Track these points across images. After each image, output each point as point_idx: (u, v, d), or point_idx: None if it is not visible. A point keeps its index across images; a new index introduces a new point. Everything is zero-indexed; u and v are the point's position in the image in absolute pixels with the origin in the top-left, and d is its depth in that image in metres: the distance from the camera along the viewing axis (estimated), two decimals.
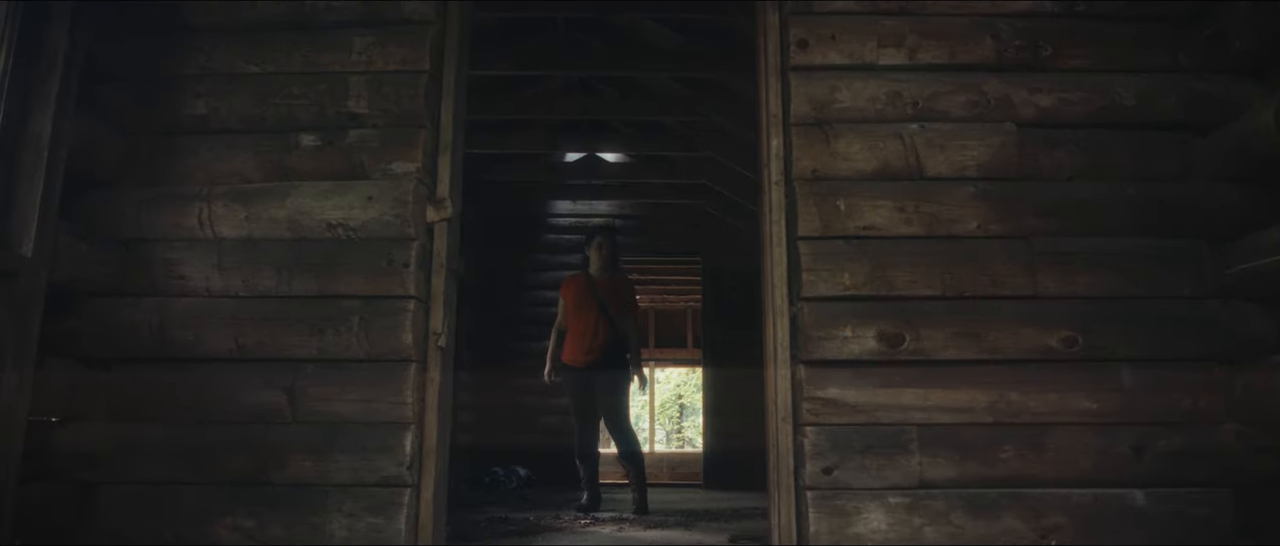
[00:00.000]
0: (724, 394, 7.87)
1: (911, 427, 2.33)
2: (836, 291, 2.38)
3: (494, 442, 7.47)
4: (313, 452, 2.37)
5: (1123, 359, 2.37)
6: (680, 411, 17.04)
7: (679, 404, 17.01)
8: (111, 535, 2.37)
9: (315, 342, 2.43)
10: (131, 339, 2.47)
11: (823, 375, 2.35)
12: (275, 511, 2.35)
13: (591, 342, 5.06)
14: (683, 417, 16.96)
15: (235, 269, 2.49)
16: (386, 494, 2.34)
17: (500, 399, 7.72)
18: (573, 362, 5.10)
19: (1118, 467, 2.32)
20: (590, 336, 5.05)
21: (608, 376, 5.08)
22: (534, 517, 4.88)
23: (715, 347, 8.06)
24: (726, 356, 7.84)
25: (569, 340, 5.15)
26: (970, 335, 2.36)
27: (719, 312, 8.06)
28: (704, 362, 8.39)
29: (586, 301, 5.10)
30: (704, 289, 8.66)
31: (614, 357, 5.09)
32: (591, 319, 5.07)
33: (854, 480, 2.30)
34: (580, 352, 5.08)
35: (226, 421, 2.41)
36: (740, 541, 3.95)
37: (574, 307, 5.14)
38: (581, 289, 5.15)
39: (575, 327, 5.11)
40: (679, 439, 16.57)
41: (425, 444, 2.40)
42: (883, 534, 2.27)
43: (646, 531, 4.33)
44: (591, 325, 5.06)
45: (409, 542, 2.33)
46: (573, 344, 5.12)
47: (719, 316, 8.05)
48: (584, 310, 5.09)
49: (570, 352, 5.12)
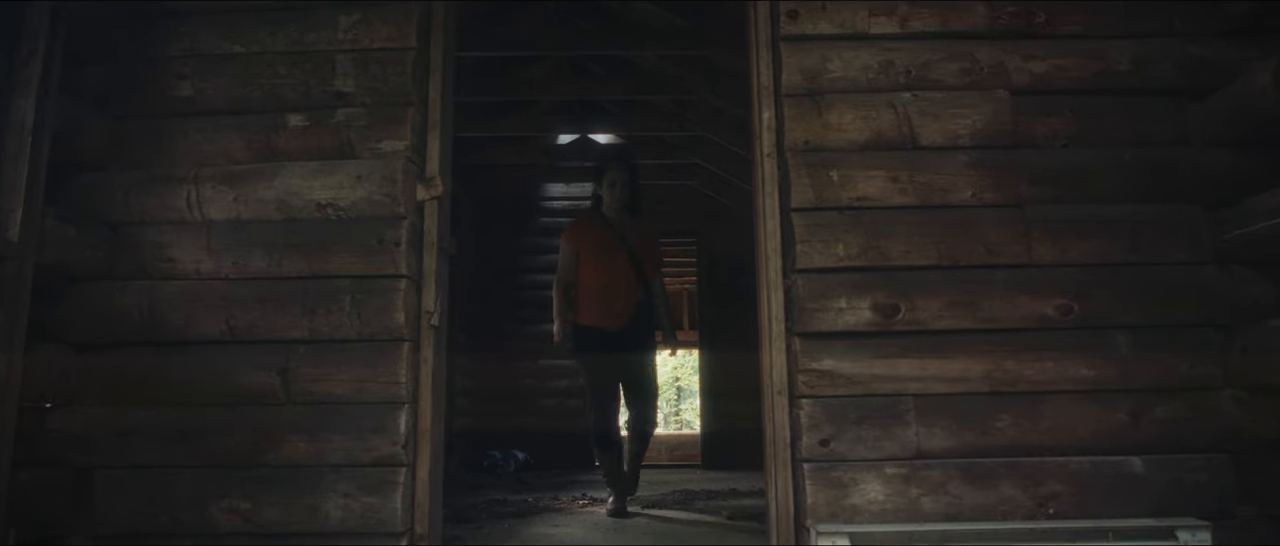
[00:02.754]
0: (721, 376, 7.86)
1: (908, 398, 2.32)
2: (831, 263, 2.36)
3: (491, 426, 7.47)
4: (307, 433, 2.36)
5: (1119, 326, 2.36)
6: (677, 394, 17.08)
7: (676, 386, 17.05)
8: (107, 519, 2.36)
9: (307, 323, 2.41)
10: (122, 323, 2.45)
11: (818, 347, 2.34)
12: (270, 493, 2.34)
13: (623, 301, 4.02)
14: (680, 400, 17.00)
15: (225, 251, 2.47)
16: (382, 473, 2.33)
17: (497, 382, 7.71)
18: (599, 325, 4.02)
19: (1115, 434, 2.31)
20: (622, 293, 4.02)
21: (642, 344, 4.11)
22: (532, 499, 4.89)
23: (711, 329, 8.05)
24: (723, 338, 7.83)
25: (589, 298, 4.05)
26: (966, 304, 2.35)
27: (714, 294, 8.04)
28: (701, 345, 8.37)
29: (611, 248, 4.05)
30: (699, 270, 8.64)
31: (645, 321, 4.14)
32: (619, 271, 4.02)
33: (850, 451, 2.29)
34: (608, 313, 4.01)
35: (219, 404, 2.40)
36: (738, 519, 3.96)
37: (595, 257, 4.05)
38: (602, 234, 4.09)
39: (598, 281, 4.03)
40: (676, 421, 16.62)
41: (420, 423, 2.39)
42: (880, 504, 2.27)
43: (645, 510, 4.33)
44: (621, 279, 4.02)
45: (406, 522, 2.32)
46: (596, 303, 4.03)
47: (715, 297, 8.04)
48: (608, 259, 4.03)
49: (593, 313, 4.04)
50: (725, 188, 7.51)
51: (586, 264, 4.07)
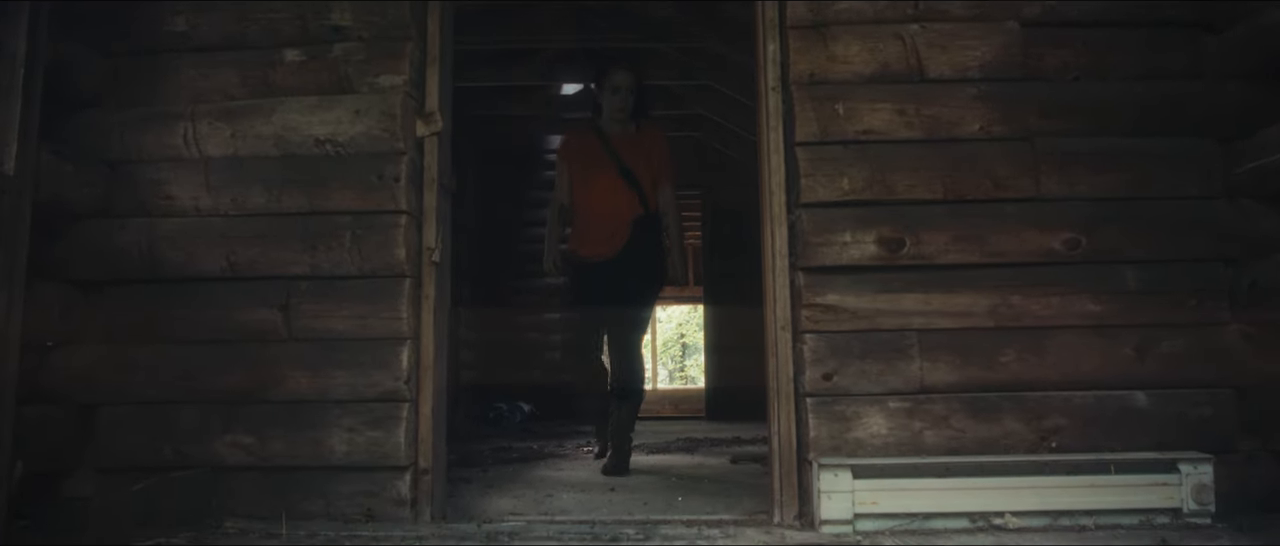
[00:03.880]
0: (725, 330, 7.87)
1: (912, 332, 2.31)
2: (835, 197, 2.33)
3: (497, 379, 7.51)
4: (310, 369, 2.36)
5: (1127, 260, 2.33)
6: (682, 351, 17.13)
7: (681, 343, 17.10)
8: (112, 453, 2.37)
9: (308, 259, 2.40)
10: (122, 260, 2.44)
11: (822, 282, 2.32)
12: (274, 427, 2.35)
13: (615, 225, 3.54)
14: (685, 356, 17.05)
15: (223, 187, 2.45)
16: (385, 408, 2.33)
17: (502, 336, 7.73)
18: (590, 255, 3.58)
19: (1120, 369, 2.30)
20: (613, 217, 3.54)
21: (640, 276, 3.59)
22: (537, 446, 4.92)
23: (716, 284, 8.04)
24: (727, 292, 7.82)
25: (581, 223, 3.63)
26: (972, 238, 2.32)
27: (719, 247, 8.02)
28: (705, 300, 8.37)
29: (600, 166, 3.56)
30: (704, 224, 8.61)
31: (649, 248, 3.58)
32: (612, 191, 3.55)
33: (854, 386, 2.28)
34: (600, 240, 3.56)
35: (222, 340, 2.39)
36: (742, 462, 3.98)
37: (583, 176, 3.59)
38: (591, 148, 3.61)
39: (589, 205, 3.58)
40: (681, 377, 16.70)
41: (423, 359, 2.38)
42: (883, 438, 2.26)
43: (649, 456, 4.36)
44: (613, 201, 3.54)
45: (409, 456, 2.33)
46: (588, 227, 3.59)
47: (719, 250, 8.01)
48: (599, 179, 3.56)
49: (585, 240, 3.61)
50: (731, 139, 7.44)
51: (578, 185, 3.63)
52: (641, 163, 3.57)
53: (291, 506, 2.28)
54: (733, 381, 7.65)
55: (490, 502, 2.78)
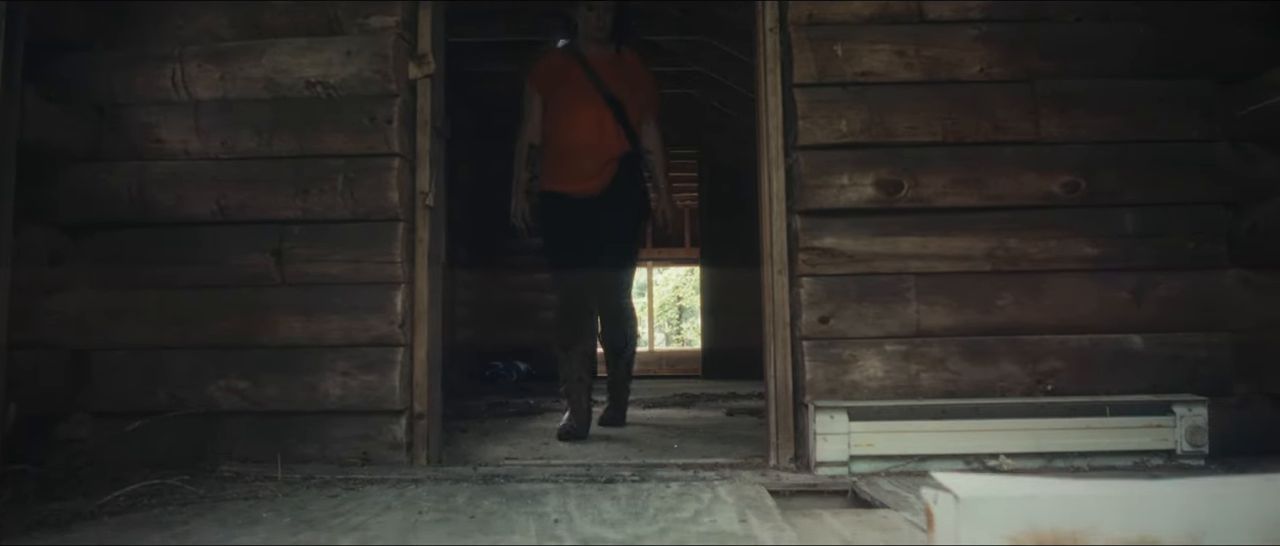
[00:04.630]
0: (722, 293, 7.87)
1: (909, 276, 2.30)
2: (833, 139, 2.31)
3: (493, 339, 7.51)
4: (303, 314, 2.35)
5: (1126, 204, 2.32)
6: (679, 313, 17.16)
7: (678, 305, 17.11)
8: (106, 398, 2.37)
9: (300, 203, 2.37)
10: (112, 204, 2.41)
11: (819, 225, 2.30)
12: (268, 371, 2.34)
13: (602, 161, 3.16)
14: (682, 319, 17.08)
15: (213, 130, 2.42)
16: (379, 353, 2.33)
17: (498, 297, 7.73)
18: (567, 189, 3.18)
19: (1116, 313, 2.29)
20: (599, 151, 3.16)
21: (627, 210, 3.24)
22: (533, 402, 4.94)
23: (713, 243, 8.03)
24: (725, 252, 7.80)
25: (559, 157, 3.20)
26: (970, 181, 2.31)
27: (716, 206, 7.99)
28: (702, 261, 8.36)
29: (584, 95, 3.16)
30: (701, 183, 8.57)
31: (632, 185, 3.26)
32: (597, 124, 3.16)
33: (850, 329, 2.28)
34: (579, 174, 3.16)
35: (214, 285, 2.38)
36: (738, 414, 4.00)
37: (563, 105, 3.18)
38: (572, 74, 3.20)
39: (570, 138, 3.17)
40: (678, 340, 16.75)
41: (417, 304, 2.37)
42: (879, 381, 2.26)
43: (645, 410, 4.38)
44: (600, 134, 3.16)
45: (404, 400, 2.32)
46: (569, 162, 3.17)
47: (716, 210, 7.99)
48: (583, 110, 3.16)
49: (560, 174, 3.20)
50: (729, 97, 7.37)
51: (553, 114, 3.21)
52: (628, 93, 3.21)
53: (287, 450, 2.28)
54: (729, 342, 7.67)
55: (486, 450, 2.78)
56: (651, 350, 12.77)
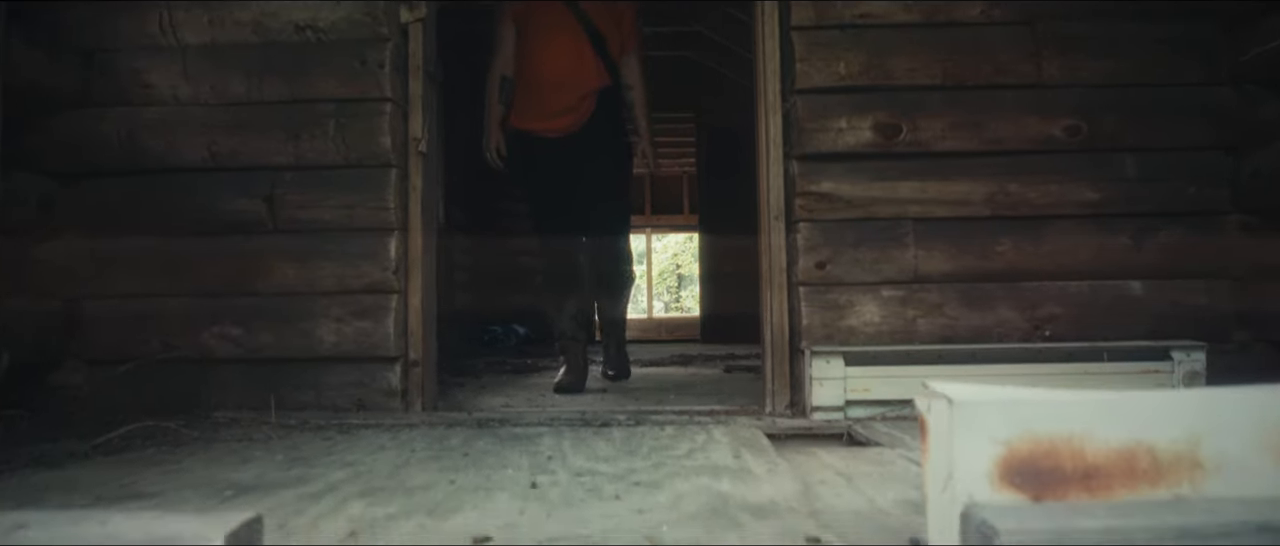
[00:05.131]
0: (720, 260, 7.83)
1: (907, 221, 2.28)
2: (831, 82, 2.27)
3: (492, 306, 7.50)
4: (296, 261, 2.33)
5: (1127, 148, 2.29)
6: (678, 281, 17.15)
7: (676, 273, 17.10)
8: (99, 347, 2.35)
9: (291, 148, 2.34)
10: (102, 151, 2.38)
11: (817, 169, 2.28)
12: (262, 318, 2.32)
13: (578, 95, 2.94)
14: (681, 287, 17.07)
15: (202, 75, 2.38)
16: (373, 300, 2.31)
17: (496, 261, 7.70)
18: (539, 130, 2.97)
19: (1116, 258, 2.28)
20: (576, 85, 2.94)
21: (604, 157, 2.99)
22: (531, 362, 4.94)
23: (711, 208, 7.98)
24: (723, 218, 7.76)
25: (529, 88, 2.98)
26: (970, 125, 2.28)
27: (714, 169, 7.93)
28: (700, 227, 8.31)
29: (562, 24, 2.95)
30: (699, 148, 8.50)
31: (610, 124, 3.03)
32: (576, 56, 2.96)
33: (847, 274, 2.26)
34: (553, 109, 2.94)
35: (206, 232, 2.35)
36: (735, 372, 3.99)
37: (538, 35, 2.97)
38: (548, 3, 2.99)
39: (546, 70, 2.95)
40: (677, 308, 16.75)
41: (411, 251, 2.35)
42: (876, 326, 2.25)
43: (643, 368, 4.37)
44: (577, 67, 2.96)
45: (399, 347, 2.31)
46: (542, 97, 2.95)
47: (714, 173, 7.93)
48: (559, 39, 2.95)
49: (533, 110, 2.98)
50: (725, 57, 7.30)
51: (527, 43, 2.97)
52: (610, 25, 3.01)
53: (282, 398, 2.27)
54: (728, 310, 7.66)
55: (483, 401, 2.78)
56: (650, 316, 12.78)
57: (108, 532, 0.79)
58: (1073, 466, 0.85)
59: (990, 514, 0.78)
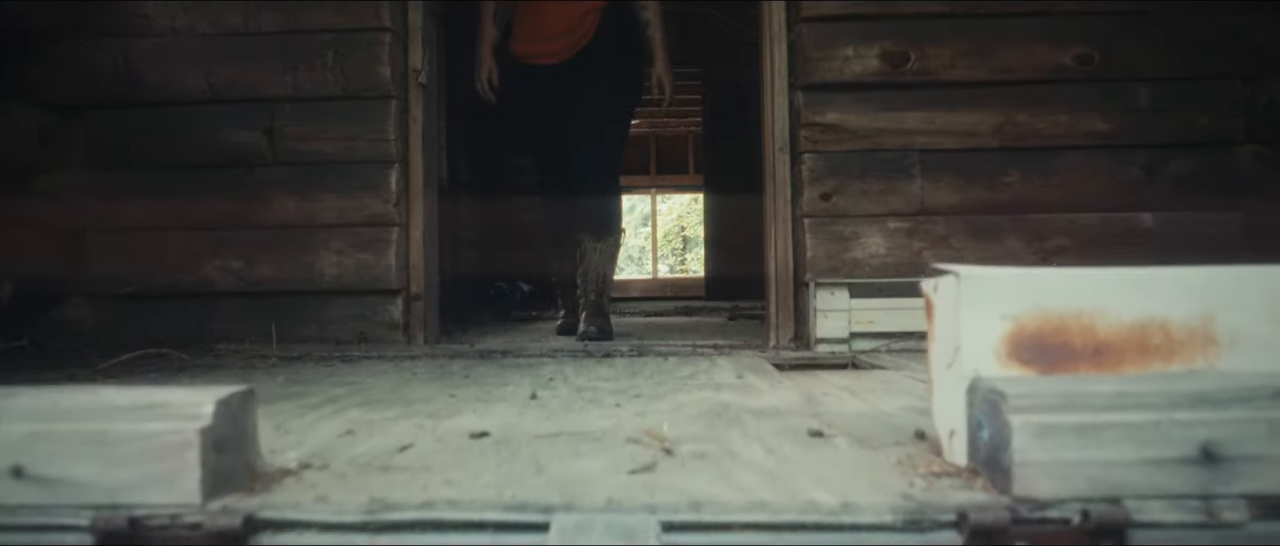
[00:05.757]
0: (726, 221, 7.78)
1: (914, 152, 2.24)
2: (837, 10, 2.23)
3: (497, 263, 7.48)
4: (296, 193, 2.31)
5: (1140, 77, 2.24)
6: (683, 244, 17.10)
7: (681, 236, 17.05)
8: (102, 281, 2.34)
9: (290, 80, 2.31)
10: (100, 83, 2.35)
11: (822, 100, 2.24)
12: (263, 251, 2.31)
13: (578, 14, 2.61)
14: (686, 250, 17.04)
15: (199, 5, 2.34)
16: (374, 232, 2.29)
17: (501, 220, 7.67)
18: (536, 54, 2.66)
19: (1127, 190, 2.24)
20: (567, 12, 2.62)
21: (605, 74, 2.64)
22: (536, 314, 4.93)
23: (717, 167, 7.91)
24: (728, 177, 7.70)
25: (530, 14, 2.65)
26: (979, 53, 2.23)
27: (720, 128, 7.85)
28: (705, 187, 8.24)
29: None
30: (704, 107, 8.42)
31: (623, 46, 2.69)
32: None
33: (853, 206, 2.23)
34: (555, 34, 2.63)
35: (206, 165, 2.33)
36: (740, 318, 3.98)
37: None
38: None
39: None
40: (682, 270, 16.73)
41: (412, 183, 2.33)
42: (881, 258, 2.23)
43: (646, 318, 4.36)
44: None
45: (401, 280, 2.30)
46: (540, 19, 2.63)
47: (720, 132, 7.86)
48: None
49: (530, 32, 2.66)
50: (731, 10, 7.19)
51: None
52: None
53: (284, 330, 2.26)
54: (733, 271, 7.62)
55: (486, 341, 2.76)
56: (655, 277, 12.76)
57: (98, 400, 0.77)
58: (1082, 343, 0.83)
59: (998, 382, 0.76)
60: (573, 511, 0.71)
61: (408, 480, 0.83)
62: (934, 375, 0.91)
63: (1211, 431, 0.71)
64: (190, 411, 0.75)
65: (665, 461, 0.90)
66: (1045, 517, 0.70)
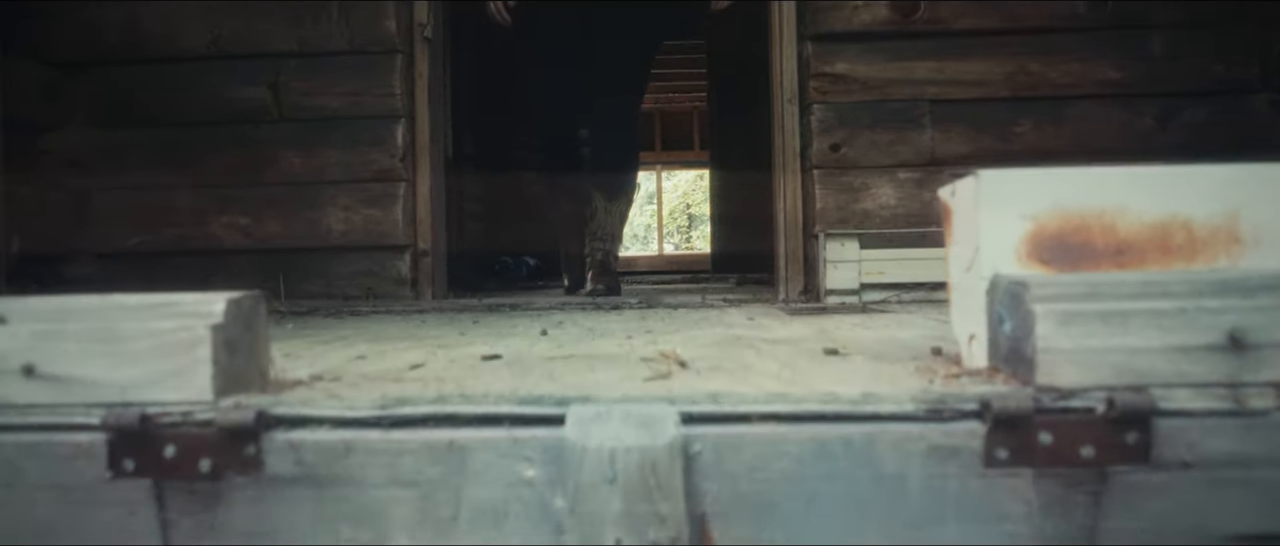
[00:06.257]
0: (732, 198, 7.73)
1: (924, 102, 2.22)
2: None
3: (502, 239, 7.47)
4: (302, 149, 2.30)
5: (1153, 25, 2.21)
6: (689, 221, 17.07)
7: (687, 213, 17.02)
8: (109, 239, 2.34)
9: (295, 34, 2.29)
10: (103, 38, 2.34)
11: (831, 50, 2.21)
12: (270, 208, 2.30)
13: None
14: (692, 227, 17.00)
15: None
16: (381, 187, 2.28)
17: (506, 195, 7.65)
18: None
19: (1139, 139, 2.22)
20: None
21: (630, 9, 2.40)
22: (540, 285, 4.93)
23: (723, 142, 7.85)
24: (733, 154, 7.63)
25: None
26: (990, 1, 2.20)
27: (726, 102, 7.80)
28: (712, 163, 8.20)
29: None
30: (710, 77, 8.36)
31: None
32: None
33: (862, 157, 2.21)
34: None
35: (211, 121, 2.32)
36: (747, 284, 3.97)
37: None
38: None
39: None
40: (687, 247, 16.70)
41: (418, 138, 2.31)
42: (891, 209, 2.21)
43: (655, 286, 4.35)
44: None
45: (408, 236, 2.29)
46: None
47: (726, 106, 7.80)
48: None
49: None
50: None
51: None
52: None
53: (291, 287, 2.26)
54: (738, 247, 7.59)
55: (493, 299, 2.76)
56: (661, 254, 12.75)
57: (107, 301, 0.76)
58: (1104, 242, 0.82)
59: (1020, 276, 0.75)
60: (589, 403, 0.70)
61: (420, 388, 0.82)
62: (953, 281, 0.90)
63: (1239, 318, 0.69)
64: (201, 310, 0.74)
65: (681, 373, 0.89)
66: (1069, 406, 0.68)
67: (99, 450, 0.71)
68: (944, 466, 0.69)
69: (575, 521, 0.66)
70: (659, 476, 0.66)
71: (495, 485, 0.69)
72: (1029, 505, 0.70)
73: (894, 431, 0.69)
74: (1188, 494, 0.70)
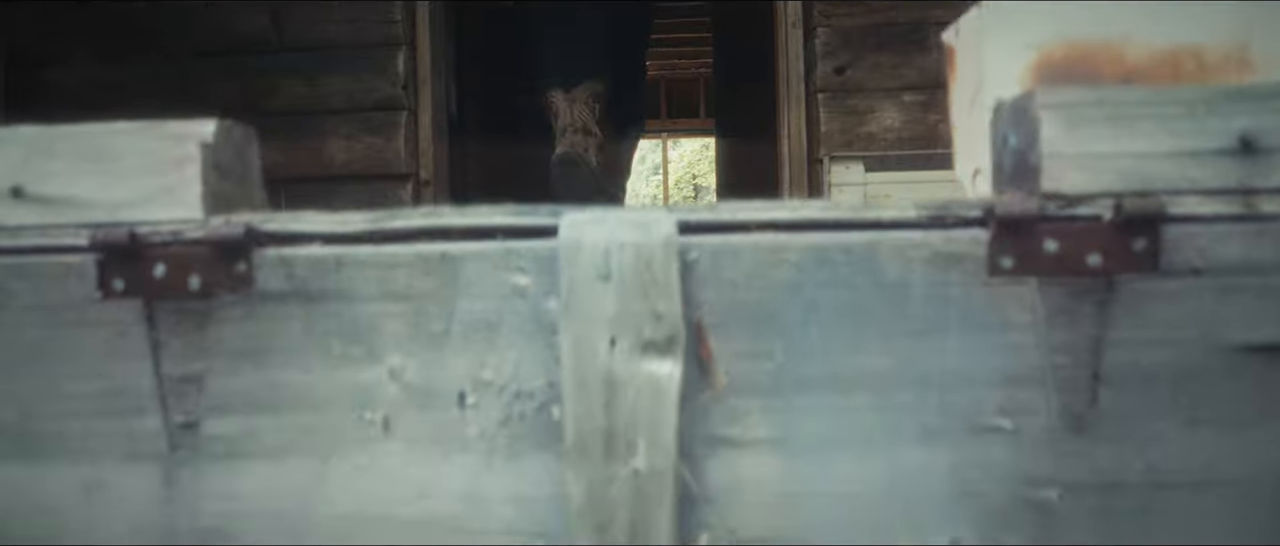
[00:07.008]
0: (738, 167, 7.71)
1: (930, 25, 2.18)
2: None
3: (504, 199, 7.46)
4: (304, 78, 2.29)
5: None
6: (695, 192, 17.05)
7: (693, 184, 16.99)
8: None
9: None
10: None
11: None
12: (272, 138, 2.26)
13: None
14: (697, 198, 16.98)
15: None
16: (383, 116, 2.27)
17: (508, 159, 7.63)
18: None
19: None
20: None
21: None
22: None
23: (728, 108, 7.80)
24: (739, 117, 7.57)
25: None
26: None
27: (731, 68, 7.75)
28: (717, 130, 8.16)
29: None
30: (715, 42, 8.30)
31: None
32: None
33: (867, 80, 2.19)
34: None
35: (212, 53, 2.31)
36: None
37: None
38: None
39: None
40: None
41: (419, 67, 2.30)
42: (897, 132, 2.19)
43: None
44: None
45: (410, 166, 2.28)
46: None
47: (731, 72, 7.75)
48: None
49: None
50: None
51: None
52: None
53: None
54: None
55: None
56: None
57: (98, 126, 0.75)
58: (1111, 71, 0.80)
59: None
60: (584, 211, 0.69)
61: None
62: (955, 123, 0.88)
63: (1251, 120, 0.67)
64: (191, 131, 0.73)
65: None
66: (1075, 214, 0.67)
67: (89, 270, 0.71)
68: (946, 274, 0.67)
69: (569, 321, 0.65)
70: (655, 273, 0.65)
71: (488, 297, 0.68)
72: (1034, 315, 0.68)
73: (895, 238, 0.67)
74: (1197, 301, 0.68)
